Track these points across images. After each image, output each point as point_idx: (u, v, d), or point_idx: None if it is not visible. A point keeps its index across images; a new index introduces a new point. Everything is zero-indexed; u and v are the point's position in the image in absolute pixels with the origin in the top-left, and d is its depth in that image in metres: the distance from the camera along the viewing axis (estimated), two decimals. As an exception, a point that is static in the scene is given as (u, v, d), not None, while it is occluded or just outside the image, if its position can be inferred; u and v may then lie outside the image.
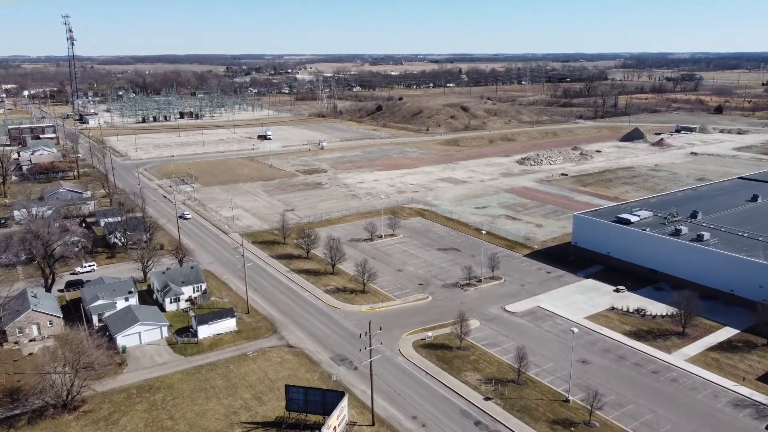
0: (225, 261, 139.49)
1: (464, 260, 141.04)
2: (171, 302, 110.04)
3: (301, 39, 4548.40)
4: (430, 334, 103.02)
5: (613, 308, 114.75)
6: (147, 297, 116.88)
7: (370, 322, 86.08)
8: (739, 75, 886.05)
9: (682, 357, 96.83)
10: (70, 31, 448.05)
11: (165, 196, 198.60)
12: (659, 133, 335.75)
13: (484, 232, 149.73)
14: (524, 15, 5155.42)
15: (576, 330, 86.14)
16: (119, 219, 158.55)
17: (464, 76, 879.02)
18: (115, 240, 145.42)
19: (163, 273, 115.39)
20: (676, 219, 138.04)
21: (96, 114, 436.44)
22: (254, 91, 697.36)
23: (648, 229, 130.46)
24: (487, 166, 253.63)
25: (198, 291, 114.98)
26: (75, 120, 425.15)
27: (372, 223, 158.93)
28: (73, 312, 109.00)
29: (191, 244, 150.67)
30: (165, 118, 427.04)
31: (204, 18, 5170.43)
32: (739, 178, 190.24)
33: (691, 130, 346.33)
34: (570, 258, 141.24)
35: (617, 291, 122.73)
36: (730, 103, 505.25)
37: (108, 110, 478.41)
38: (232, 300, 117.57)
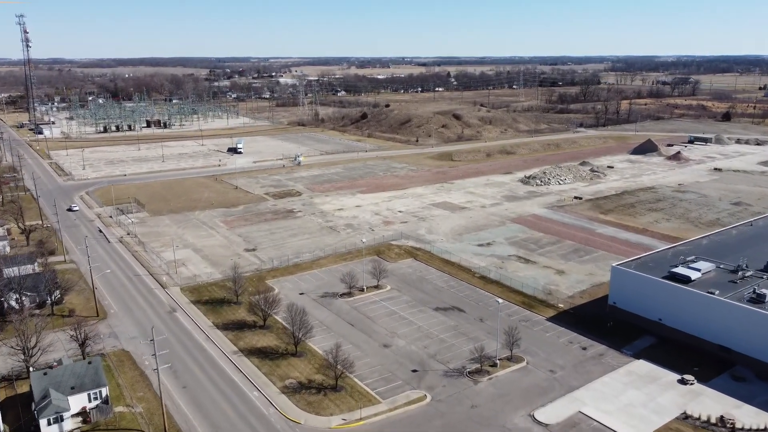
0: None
1: (470, 327, 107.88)
2: (50, 423, 74.95)
3: (288, 42, 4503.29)
4: (431, 479, 69.09)
5: (686, 416, 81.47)
6: (23, 408, 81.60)
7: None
8: (736, 79, 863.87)
9: None
10: (25, 32, 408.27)
11: (101, 231, 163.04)
12: (672, 145, 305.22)
13: (500, 301, 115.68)
14: (510, 18, 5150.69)
15: None
16: (33, 269, 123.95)
17: (453, 80, 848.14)
18: (10, 303, 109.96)
19: (45, 374, 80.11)
20: (748, 274, 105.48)
21: (53, 123, 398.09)
22: (233, 96, 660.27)
23: (717, 292, 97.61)
24: (486, 186, 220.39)
25: (96, 398, 79.98)
26: (30, 129, 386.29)
27: (351, 274, 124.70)
28: None
29: (113, 306, 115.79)
30: (129, 127, 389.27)
31: (191, 20, 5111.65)
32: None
33: (705, 140, 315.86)
34: (608, 324, 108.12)
35: (683, 383, 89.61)
36: (734, 109, 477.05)
37: (71, 118, 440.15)
38: (148, 408, 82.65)
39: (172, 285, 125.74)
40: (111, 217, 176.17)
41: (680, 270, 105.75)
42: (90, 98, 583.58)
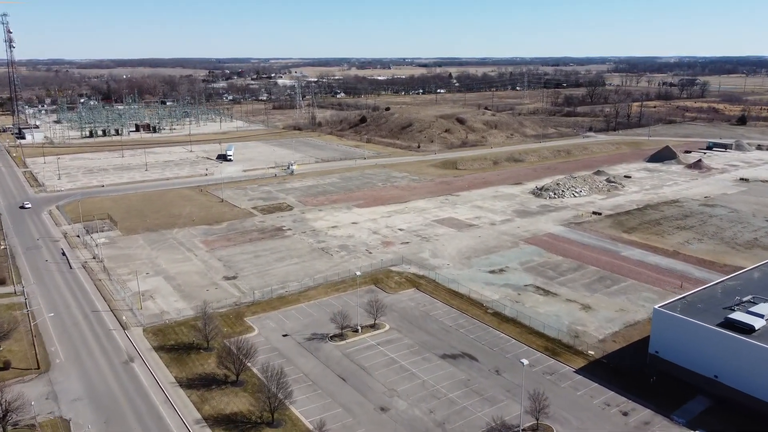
0: (103, 393, 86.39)
1: (485, 382, 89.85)
2: None
3: (289, 43, 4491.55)
4: None
5: None
6: None
7: None
8: (745, 80, 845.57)
9: None
10: (9, 32, 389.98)
11: (64, 254, 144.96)
12: (690, 151, 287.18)
13: (525, 362, 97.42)
14: (510, 19, 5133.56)
15: None
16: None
17: (455, 81, 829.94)
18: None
19: (-60, 470, 62.19)
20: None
21: (38, 127, 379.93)
22: (229, 98, 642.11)
23: (790, 347, 79.59)
24: (495, 198, 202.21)
25: (7, 501, 61.94)
26: (12, 134, 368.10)
27: (343, 312, 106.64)
28: None
29: (60, 353, 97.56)
30: (117, 131, 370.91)
31: (192, 21, 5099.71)
32: None
33: (725, 146, 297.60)
34: (651, 380, 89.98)
35: (757, 467, 71.60)
36: (748, 112, 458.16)
37: (58, 121, 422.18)
38: (78, 506, 64.72)
39: (135, 325, 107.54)
40: (78, 236, 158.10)
41: (739, 316, 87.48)
42: (81, 100, 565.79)
